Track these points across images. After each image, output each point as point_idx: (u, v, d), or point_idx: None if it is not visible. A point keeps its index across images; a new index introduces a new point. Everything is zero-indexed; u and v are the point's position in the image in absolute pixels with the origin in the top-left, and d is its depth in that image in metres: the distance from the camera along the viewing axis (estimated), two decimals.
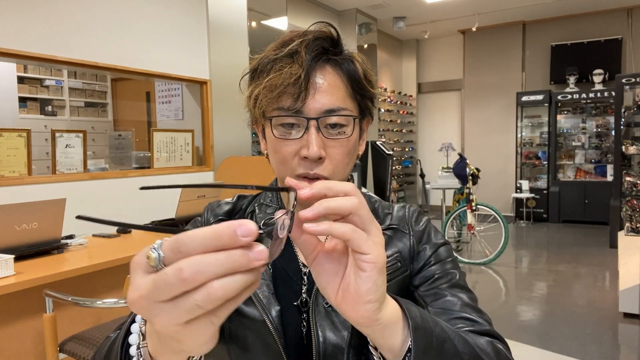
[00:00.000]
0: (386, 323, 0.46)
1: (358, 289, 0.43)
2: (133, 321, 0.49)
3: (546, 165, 7.61)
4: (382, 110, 7.99)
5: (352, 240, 0.41)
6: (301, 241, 0.44)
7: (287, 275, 0.72)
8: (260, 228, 0.34)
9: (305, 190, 0.42)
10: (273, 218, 0.40)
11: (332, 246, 0.45)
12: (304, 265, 0.72)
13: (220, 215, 0.78)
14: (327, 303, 0.68)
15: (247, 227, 0.33)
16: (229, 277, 0.32)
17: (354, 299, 0.43)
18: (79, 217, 0.39)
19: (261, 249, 0.34)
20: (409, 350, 0.47)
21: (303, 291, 0.71)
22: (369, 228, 0.42)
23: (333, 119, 0.65)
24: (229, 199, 0.81)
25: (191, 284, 0.32)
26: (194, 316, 0.33)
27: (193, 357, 0.43)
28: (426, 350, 0.47)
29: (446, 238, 0.78)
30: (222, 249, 0.32)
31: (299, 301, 0.70)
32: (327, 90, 0.66)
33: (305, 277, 0.71)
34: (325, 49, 0.67)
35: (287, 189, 0.44)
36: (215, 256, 0.32)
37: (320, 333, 0.67)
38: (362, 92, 0.70)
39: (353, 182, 0.71)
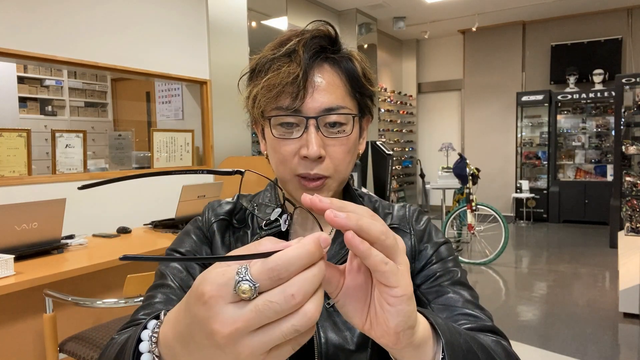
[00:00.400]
0: (418, 344, 0.43)
1: (387, 322, 0.40)
2: (140, 339, 0.43)
3: (546, 165, 7.60)
4: (382, 110, 7.98)
5: (382, 273, 0.38)
6: (325, 280, 0.41)
7: None
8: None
9: (325, 200, 0.38)
10: (274, 216, 0.40)
11: (355, 272, 0.42)
12: None
13: (222, 215, 0.77)
14: (328, 303, 0.68)
15: (326, 239, 0.34)
16: (317, 293, 0.34)
17: (383, 329, 0.40)
18: (124, 258, 0.34)
19: (327, 250, 0.35)
20: None
21: None
22: (394, 256, 0.39)
23: (332, 118, 0.65)
24: (229, 199, 0.81)
25: (297, 307, 0.33)
26: (284, 341, 0.33)
27: None
28: None
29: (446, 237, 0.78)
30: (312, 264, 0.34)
31: None
32: (326, 88, 0.65)
33: None
34: (323, 47, 0.67)
35: (238, 172, 0.43)
36: (311, 273, 0.33)
37: (322, 334, 0.67)
38: (361, 90, 0.69)
39: (353, 182, 0.71)
